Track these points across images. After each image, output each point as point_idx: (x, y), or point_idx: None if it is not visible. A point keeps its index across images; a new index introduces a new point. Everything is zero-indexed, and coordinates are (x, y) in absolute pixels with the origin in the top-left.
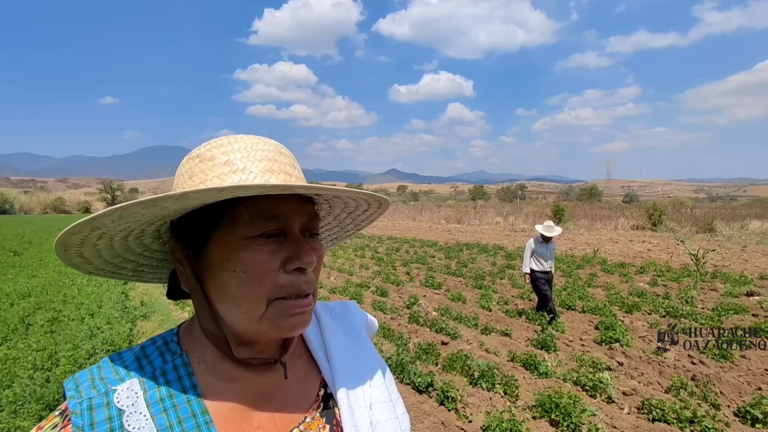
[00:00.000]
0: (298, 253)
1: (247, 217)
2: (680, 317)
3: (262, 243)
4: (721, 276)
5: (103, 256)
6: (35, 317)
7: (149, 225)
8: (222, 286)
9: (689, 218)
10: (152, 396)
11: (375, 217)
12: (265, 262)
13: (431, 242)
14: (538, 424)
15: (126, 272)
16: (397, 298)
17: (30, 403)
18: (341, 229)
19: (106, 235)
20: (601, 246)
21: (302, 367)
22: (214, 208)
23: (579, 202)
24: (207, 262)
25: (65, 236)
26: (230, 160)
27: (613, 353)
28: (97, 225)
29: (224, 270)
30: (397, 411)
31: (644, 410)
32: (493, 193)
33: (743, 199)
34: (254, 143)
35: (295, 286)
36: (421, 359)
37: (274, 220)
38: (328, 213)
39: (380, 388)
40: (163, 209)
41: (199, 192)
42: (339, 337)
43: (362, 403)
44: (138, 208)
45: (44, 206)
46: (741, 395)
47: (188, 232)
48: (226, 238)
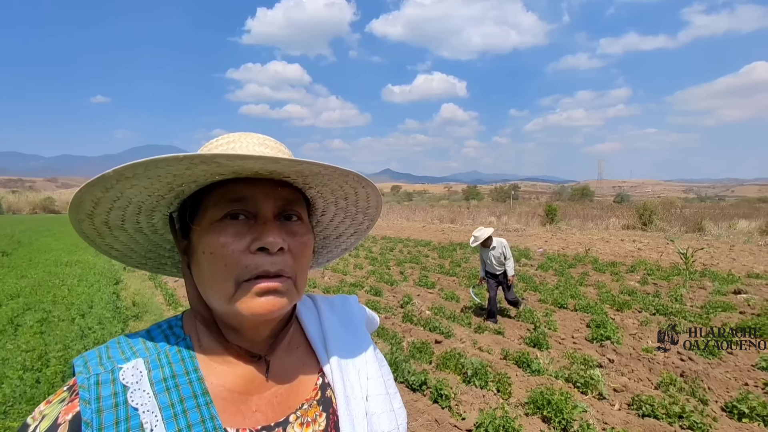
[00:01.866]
0: (261, 234)
1: (214, 201)
2: (670, 315)
3: (228, 225)
4: (709, 274)
5: (135, 249)
6: (24, 318)
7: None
8: (199, 269)
9: (679, 218)
10: (156, 375)
11: (376, 202)
12: (229, 243)
13: (425, 242)
14: (530, 421)
15: (169, 268)
16: (391, 297)
17: (20, 404)
18: (353, 220)
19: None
20: (592, 245)
21: (301, 356)
22: (194, 197)
23: (571, 202)
24: (190, 248)
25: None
26: (220, 144)
27: (604, 351)
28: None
29: (197, 252)
30: (393, 405)
31: (634, 406)
32: (486, 193)
33: (731, 199)
34: (238, 137)
35: (259, 266)
36: (415, 358)
37: (239, 202)
38: (325, 201)
39: (377, 381)
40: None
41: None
42: (337, 330)
43: (358, 394)
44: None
45: (33, 206)
46: (728, 391)
47: (180, 222)
48: (201, 223)
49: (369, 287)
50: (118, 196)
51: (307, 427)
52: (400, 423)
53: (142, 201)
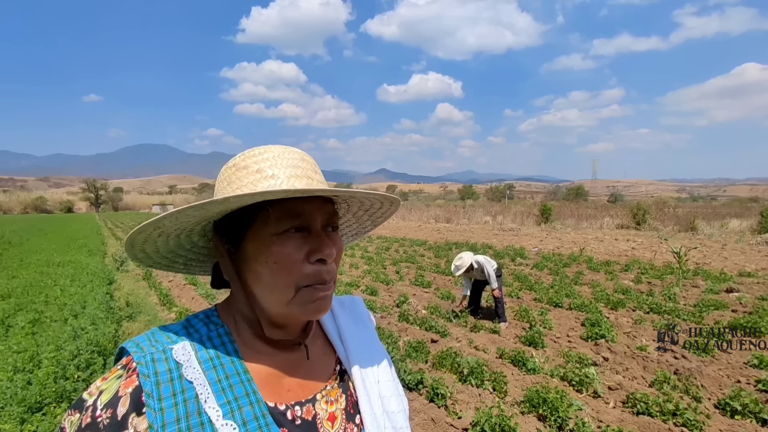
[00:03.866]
0: (320, 246)
1: (276, 217)
2: (663, 313)
3: (289, 237)
4: (702, 273)
5: (161, 251)
6: (16, 318)
7: (197, 224)
8: (257, 276)
9: (672, 217)
10: (202, 356)
11: (389, 215)
12: (292, 253)
13: (421, 241)
14: (526, 419)
15: (178, 266)
16: (387, 296)
17: (11, 406)
18: (359, 225)
19: (164, 233)
20: (587, 244)
21: (321, 347)
22: (249, 209)
23: (566, 202)
24: (244, 255)
25: (134, 235)
26: (261, 168)
27: (598, 349)
28: (158, 225)
29: (258, 262)
30: (399, 390)
31: (629, 404)
32: (481, 193)
33: (723, 198)
34: (281, 152)
35: (318, 275)
36: (411, 357)
37: (298, 218)
38: (347, 211)
39: (386, 368)
40: (208, 211)
41: (237, 197)
42: (350, 324)
43: (372, 378)
44: (191, 211)
45: (24, 206)
46: (721, 388)
47: (228, 230)
48: (259, 234)
49: (365, 287)
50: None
51: (331, 405)
52: (405, 407)
53: (210, 216)
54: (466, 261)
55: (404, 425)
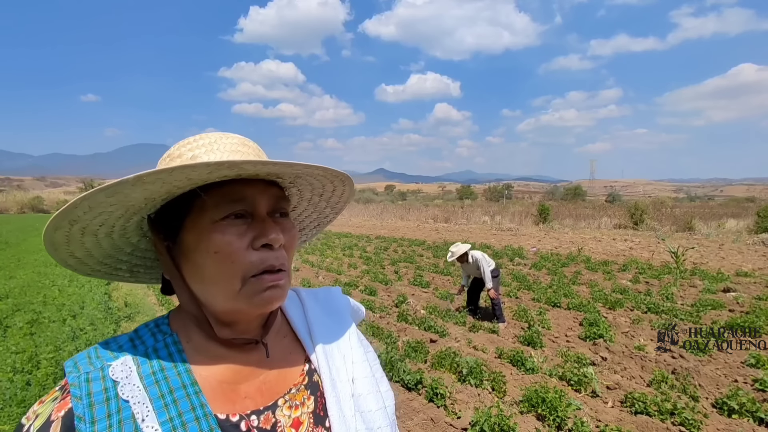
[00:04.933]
0: (264, 231)
1: (214, 202)
2: (661, 313)
3: (230, 224)
4: (699, 273)
5: (95, 255)
6: (14, 319)
7: (127, 219)
8: (198, 268)
9: (669, 217)
10: (145, 370)
11: (347, 197)
12: (234, 241)
13: (419, 241)
14: (525, 419)
15: (122, 273)
16: (386, 296)
17: (10, 407)
18: (319, 214)
19: (88, 229)
20: (585, 244)
21: (287, 345)
22: (185, 198)
23: (564, 202)
24: (183, 248)
25: (49, 233)
26: (195, 155)
27: (597, 349)
28: (72, 218)
29: (198, 252)
30: (380, 387)
31: (627, 403)
32: (480, 193)
33: (720, 198)
34: (219, 138)
35: (264, 262)
36: (410, 357)
37: (239, 203)
38: (300, 198)
39: (363, 365)
40: (127, 197)
41: (151, 174)
42: (322, 319)
43: (344, 377)
44: (101, 195)
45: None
46: (718, 387)
47: (164, 223)
48: (198, 223)
49: (364, 287)
50: (119, 200)
51: (295, 409)
52: (387, 404)
53: (134, 204)
54: (461, 249)
55: (383, 424)
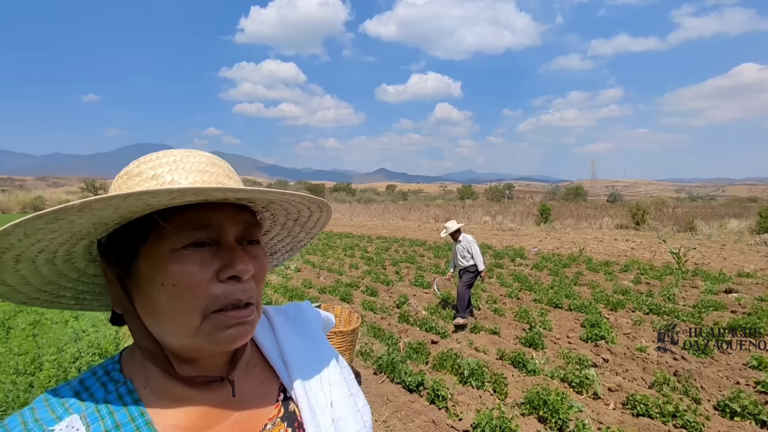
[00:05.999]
0: (232, 261)
1: (175, 229)
2: (663, 314)
3: (193, 253)
4: (701, 274)
5: (32, 283)
6: (16, 320)
7: (72, 245)
8: (152, 302)
9: (671, 217)
10: (96, 429)
11: (323, 223)
12: (196, 272)
13: (420, 241)
14: (526, 421)
15: (66, 300)
16: (387, 297)
17: (13, 409)
18: (293, 238)
19: (24, 256)
20: (586, 245)
21: (259, 375)
22: (141, 222)
23: (565, 202)
24: (137, 278)
25: None
26: (157, 174)
27: (598, 350)
28: (3, 246)
29: (153, 284)
30: (358, 404)
31: (629, 405)
32: (481, 193)
33: (722, 198)
34: (184, 156)
35: (230, 296)
36: (412, 358)
37: (203, 230)
38: (274, 222)
39: (340, 385)
40: (73, 223)
41: (101, 200)
42: (294, 340)
43: (323, 402)
44: (40, 222)
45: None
46: (720, 389)
47: (117, 249)
48: (155, 251)
49: (365, 287)
50: (62, 227)
51: None
52: (366, 420)
53: (81, 230)
54: (455, 225)
55: None
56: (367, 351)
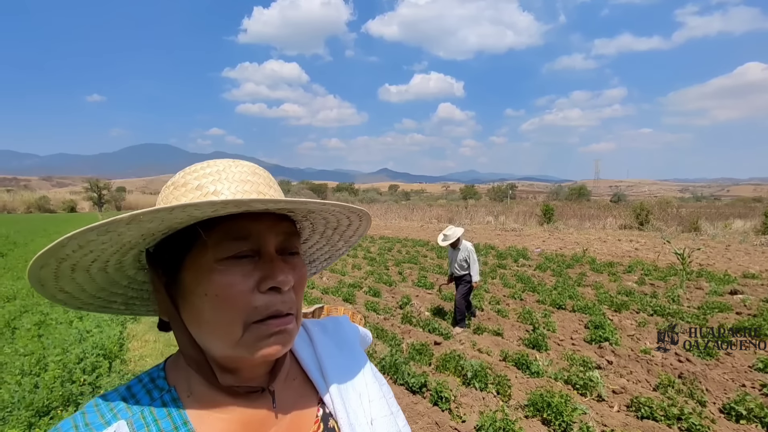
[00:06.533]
0: (272, 272)
1: (216, 240)
2: (667, 316)
3: (234, 264)
4: (706, 275)
5: (87, 289)
6: (21, 321)
7: (123, 255)
8: (196, 311)
9: (675, 218)
10: None
11: (362, 232)
12: (237, 283)
13: (423, 242)
14: (530, 423)
15: (117, 306)
16: (390, 298)
17: (19, 410)
18: (331, 247)
19: (79, 266)
20: (590, 245)
21: (298, 388)
22: (185, 232)
23: (568, 202)
24: (182, 287)
25: (34, 271)
26: (201, 184)
27: (602, 352)
28: (60, 256)
29: (196, 294)
30: (398, 424)
31: (633, 408)
32: (483, 193)
33: (726, 198)
34: (227, 166)
35: (270, 307)
36: (415, 360)
37: (245, 241)
38: (313, 231)
39: (380, 402)
40: (122, 235)
41: (148, 213)
42: (333, 354)
43: (363, 420)
44: (92, 234)
45: (28, 205)
46: (726, 392)
47: (163, 258)
48: (198, 261)
49: (367, 288)
50: (112, 238)
51: None
52: None
53: (131, 241)
54: (456, 233)
55: None
56: (370, 352)
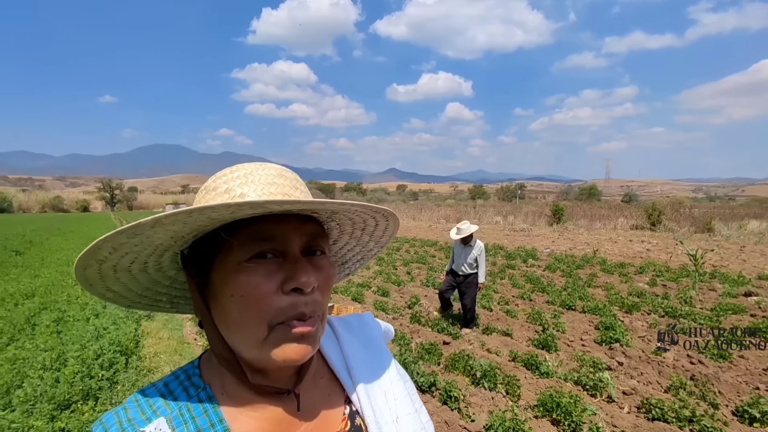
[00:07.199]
0: (295, 273)
1: (241, 241)
2: (679, 317)
3: (258, 265)
4: (719, 276)
5: (133, 289)
6: (41, 317)
7: (160, 256)
8: (224, 312)
9: (688, 218)
10: None
11: (391, 232)
12: (261, 284)
13: (431, 242)
14: (539, 423)
15: (163, 304)
16: (399, 298)
17: (41, 403)
18: (363, 247)
19: (120, 267)
20: (600, 246)
21: (325, 387)
22: (214, 235)
23: (578, 202)
24: (212, 288)
25: (79, 272)
26: (230, 187)
27: (613, 353)
28: (98, 258)
29: (224, 295)
30: (422, 420)
31: (644, 409)
32: (492, 193)
33: (741, 198)
34: (254, 169)
35: (295, 308)
36: (424, 359)
37: (268, 241)
38: (341, 232)
39: (405, 400)
40: (150, 237)
41: (170, 216)
42: (359, 352)
43: (388, 417)
44: (123, 237)
45: (42, 205)
46: (739, 395)
47: (195, 260)
48: (225, 262)
49: (376, 288)
50: (142, 241)
51: None
52: None
53: (162, 243)
54: (470, 228)
55: None
56: (397, 361)
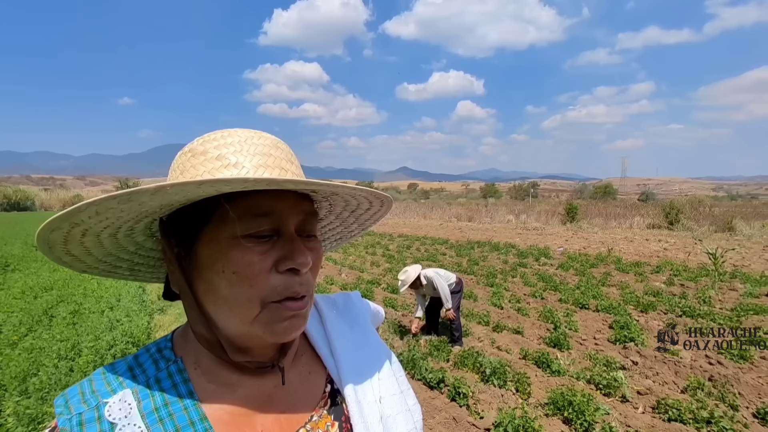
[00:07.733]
0: (291, 253)
1: (238, 215)
2: (697, 317)
3: (254, 242)
4: (740, 276)
5: (94, 254)
6: (58, 309)
7: (136, 222)
8: (212, 287)
9: (707, 217)
10: (146, 406)
11: (379, 217)
12: (256, 261)
13: (442, 240)
14: (550, 422)
15: (122, 271)
16: (409, 294)
17: (56, 391)
18: (345, 228)
19: (91, 231)
20: (615, 245)
21: (306, 364)
22: (204, 204)
23: (593, 201)
24: (196, 261)
25: (44, 234)
26: (222, 154)
27: (627, 352)
28: (74, 221)
29: (213, 270)
30: (408, 402)
31: (660, 410)
32: (504, 191)
33: (764, 197)
34: (249, 137)
35: (288, 288)
36: (433, 356)
37: (266, 218)
38: (329, 211)
39: (389, 380)
40: (143, 204)
41: (176, 185)
42: (343, 330)
43: (371, 397)
44: (113, 202)
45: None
46: (760, 396)
47: (178, 229)
48: (216, 236)
49: (386, 285)
50: (133, 207)
51: None
52: (416, 420)
53: (149, 210)
54: (411, 275)
55: None
56: (388, 347)
